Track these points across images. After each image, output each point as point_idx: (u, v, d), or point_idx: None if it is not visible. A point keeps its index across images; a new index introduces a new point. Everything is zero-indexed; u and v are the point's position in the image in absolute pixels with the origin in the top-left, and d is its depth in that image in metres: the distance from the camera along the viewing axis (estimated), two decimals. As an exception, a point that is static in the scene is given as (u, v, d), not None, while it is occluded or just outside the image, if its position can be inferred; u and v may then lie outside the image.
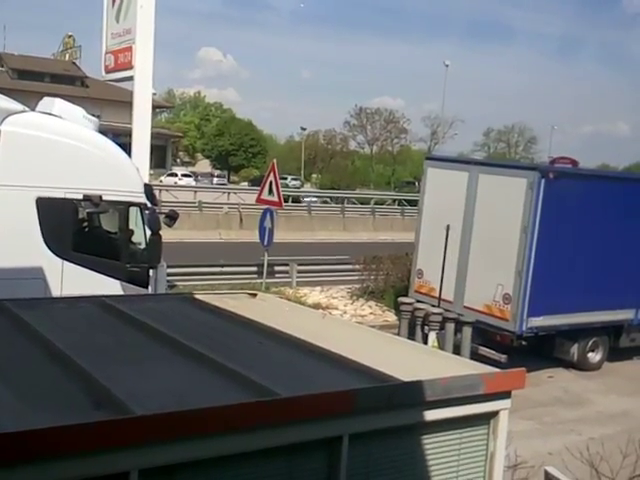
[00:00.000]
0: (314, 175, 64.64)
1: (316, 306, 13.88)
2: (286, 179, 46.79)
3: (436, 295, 12.46)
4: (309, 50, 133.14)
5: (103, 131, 8.76)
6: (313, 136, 70.60)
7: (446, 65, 57.06)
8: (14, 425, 2.41)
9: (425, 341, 11.26)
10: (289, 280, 16.63)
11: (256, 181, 38.41)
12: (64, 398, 2.83)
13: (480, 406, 3.42)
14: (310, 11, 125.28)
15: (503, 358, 10.91)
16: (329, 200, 40.01)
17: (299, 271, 16.85)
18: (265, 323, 4.23)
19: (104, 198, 7.85)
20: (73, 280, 7.51)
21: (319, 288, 16.66)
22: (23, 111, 7.71)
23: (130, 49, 13.79)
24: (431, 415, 3.25)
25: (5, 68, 47.09)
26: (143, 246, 8.50)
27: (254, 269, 16.15)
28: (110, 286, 7.67)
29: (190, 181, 47.30)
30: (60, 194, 7.61)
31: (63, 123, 7.88)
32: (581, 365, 12.53)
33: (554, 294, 11.36)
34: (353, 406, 2.98)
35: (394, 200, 41.89)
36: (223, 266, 16.29)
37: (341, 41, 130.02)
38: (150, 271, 8.38)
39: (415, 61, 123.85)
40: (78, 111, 8.25)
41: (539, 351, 12.05)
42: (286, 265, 16.87)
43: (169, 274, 12.64)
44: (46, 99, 8.46)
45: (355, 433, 3.03)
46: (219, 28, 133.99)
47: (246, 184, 50.50)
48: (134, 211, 8.35)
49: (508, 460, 4.72)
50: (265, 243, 15.04)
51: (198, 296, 5.12)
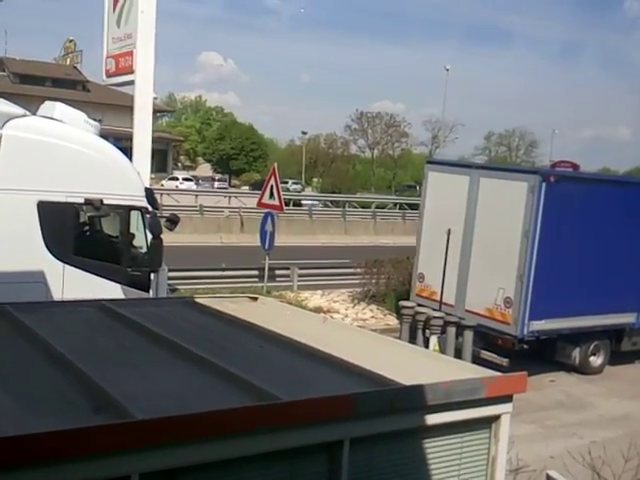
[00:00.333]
0: (315, 179, 64.67)
1: (317, 310, 13.88)
2: (287, 183, 46.83)
3: (437, 299, 12.46)
4: (310, 54, 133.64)
5: (104, 135, 8.76)
6: (314, 140, 70.70)
7: (447, 69, 56.98)
8: (14, 429, 2.40)
9: (426, 345, 11.24)
10: (290, 284, 16.62)
11: (257, 185, 38.46)
12: (64, 402, 2.82)
13: (481, 410, 3.41)
14: (310, 16, 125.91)
15: (505, 362, 10.89)
16: (330, 204, 40.02)
17: (300, 275, 16.84)
18: (266, 327, 4.22)
19: (105, 202, 7.85)
20: (74, 284, 7.51)
21: (320, 292, 16.64)
22: (24, 115, 7.72)
23: (131, 53, 13.82)
24: (432, 419, 3.24)
25: (6, 72, 47.21)
26: (144, 250, 8.50)
27: (255, 273, 16.16)
28: (111, 290, 7.67)
29: (191, 185, 47.41)
30: (61, 198, 7.61)
31: (64, 127, 7.89)
32: (583, 369, 12.52)
33: (555, 298, 11.35)
34: (354, 410, 2.97)
35: (395, 204, 41.95)
36: (224, 270, 16.28)
37: (341, 45, 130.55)
38: (151, 275, 8.38)
39: (415, 65, 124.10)
40: (79, 115, 8.26)
41: (541, 355, 12.03)
42: (287, 269, 16.87)
43: (170, 278, 12.63)
44: (47, 103, 8.47)
45: (356, 437, 3.02)
46: (220, 32, 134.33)
47: (247, 188, 50.56)
48: (135, 215, 8.35)
49: (510, 464, 4.71)
50: (266, 247, 15.07)
51: (199, 300, 5.11)
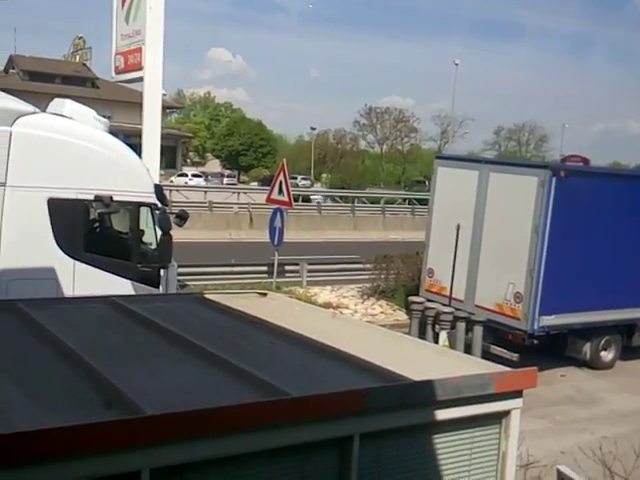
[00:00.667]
0: (324, 175, 64.60)
1: (326, 305, 13.87)
2: (296, 179, 46.82)
3: (447, 294, 12.42)
4: (318, 50, 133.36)
5: (113, 132, 8.78)
6: (323, 136, 70.59)
7: (456, 64, 56.63)
8: (25, 425, 2.42)
9: (436, 340, 11.24)
10: (299, 279, 16.64)
11: (266, 181, 38.45)
12: (75, 398, 2.84)
13: (491, 405, 3.40)
14: (319, 11, 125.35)
15: (515, 357, 10.86)
16: (339, 199, 39.98)
17: (309, 270, 16.85)
18: (275, 323, 4.23)
19: (115, 198, 7.88)
20: (84, 280, 7.54)
21: (329, 287, 16.65)
22: (34, 112, 7.74)
23: (140, 50, 13.85)
24: (442, 414, 3.24)
25: (16, 70, 47.43)
26: (154, 246, 8.53)
27: (264, 269, 16.19)
28: (121, 286, 7.70)
29: (200, 181, 47.41)
30: (71, 195, 7.64)
31: (74, 124, 7.91)
32: (593, 364, 12.46)
33: (566, 293, 11.30)
34: (364, 406, 2.97)
35: (404, 199, 41.81)
36: (233, 266, 16.32)
37: (350, 40, 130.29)
38: (161, 271, 8.41)
39: (424, 60, 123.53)
40: (89, 112, 8.28)
41: (551, 350, 11.97)
42: (296, 264, 16.88)
43: (180, 274, 12.69)
44: (57, 100, 8.49)
45: (366, 433, 3.02)
46: (228, 29, 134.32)
47: (256, 184, 50.57)
48: (145, 211, 8.38)
49: (520, 459, 4.70)
50: (275, 243, 15.07)
51: (208, 296, 5.13)
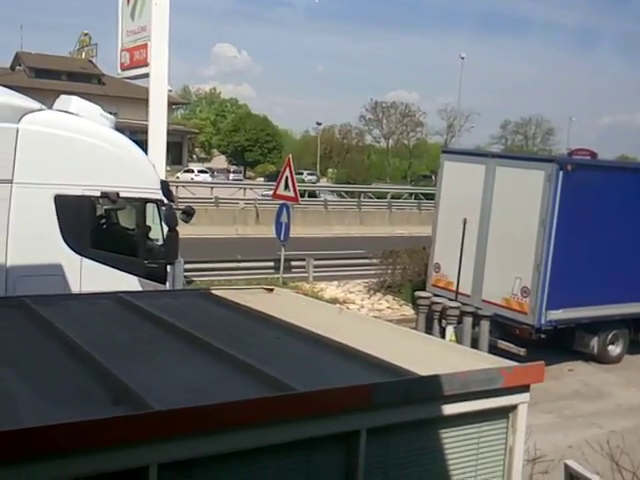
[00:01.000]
0: (330, 170, 64.56)
1: (333, 301, 13.89)
2: (302, 174, 46.80)
3: (453, 289, 12.41)
4: (324, 45, 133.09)
5: (120, 128, 8.80)
6: (329, 131, 70.51)
7: (462, 58, 56.51)
8: (34, 420, 2.43)
9: (443, 335, 11.23)
10: (306, 275, 16.65)
11: (272, 176, 38.46)
12: (83, 393, 2.85)
13: (499, 400, 3.40)
14: (324, 6, 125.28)
15: (522, 351, 10.85)
16: (345, 194, 39.94)
17: (316, 266, 16.85)
18: (282, 318, 4.23)
19: (121, 195, 7.90)
20: (91, 276, 7.57)
21: (336, 283, 16.65)
22: (40, 109, 7.75)
23: (145, 46, 13.85)
24: (449, 409, 3.23)
25: (22, 67, 47.56)
26: (160, 242, 8.55)
27: (271, 264, 16.19)
28: (128, 282, 7.72)
29: (206, 177, 47.49)
30: (78, 191, 7.66)
31: (80, 121, 7.92)
32: (601, 358, 12.43)
33: (573, 287, 11.26)
34: (371, 400, 2.97)
35: (411, 194, 41.74)
36: (240, 261, 16.33)
37: (356, 35, 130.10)
38: (167, 267, 8.42)
39: (430, 54, 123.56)
40: (95, 109, 8.29)
41: (558, 344, 11.95)
42: (303, 260, 16.88)
43: (186, 270, 12.70)
44: (63, 97, 8.50)
45: (373, 427, 3.02)
46: (233, 24, 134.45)
47: (262, 179, 50.59)
48: (151, 207, 8.40)
49: (527, 454, 4.69)
50: (282, 238, 15.08)
51: (215, 291, 5.14)
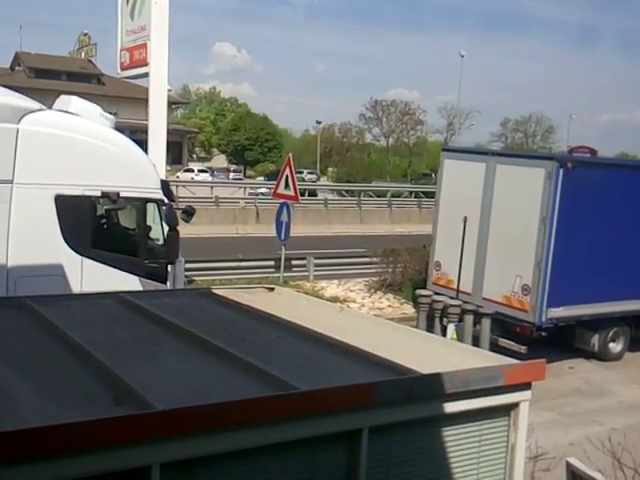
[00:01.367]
0: (330, 168, 64.54)
1: (334, 299, 13.88)
2: (302, 173, 46.77)
3: (454, 287, 12.41)
4: (323, 43, 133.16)
5: (120, 128, 8.79)
6: (329, 129, 70.49)
7: (462, 56, 56.73)
8: (37, 420, 2.44)
9: (444, 333, 11.23)
10: (306, 274, 16.65)
11: (272, 175, 38.41)
12: (85, 393, 2.85)
13: (500, 398, 3.40)
14: (324, 4, 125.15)
15: (523, 349, 10.85)
16: (345, 193, 39.92)
17: (316, 265, 16.85)
18: (283, 317, 4.23)
19: (122, 195, 7.89)
20: (92, 276, 7.56)
21: (336, 281, 16.66)
22: (40, 110, 7.75)
23: (145, 46, 13.84)
24: (451, 407, 3.24)
25: (22, 67, 47.53)
26: (161, 242, 8.54)
27: (271, 263, 16.20)
28: (129, 282, 7.72)
29: (206, 176, 47.47)
30: (78, 191, 7.65)
31: (80, 121, 7.92)
32: (602, 355, 12.43)
33: (574, 284, 11.26)
34: (372, 399, 2.98)
35: (411, 192, 41.65)
36: (241, 261, 16.33)
37: (356, 34, 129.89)
38: (168, 266, 8.42)
39: (430, 52, 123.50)
40: (95, 109, 8.28)
41: (559, 342, 11.95)
42: (303, 259, 16.88)
43: (187, 269, 12.72)
44: (63, 97, 8.49)
45: (375, 426, 3.03)
46: (233, 23, 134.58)
47: (262, 178, 50.58)
48: (151, 207, 8.40)
49: (529, 451, 4.69)
50: (282, 237, 15.08)
51: (216, 291, 5.14)
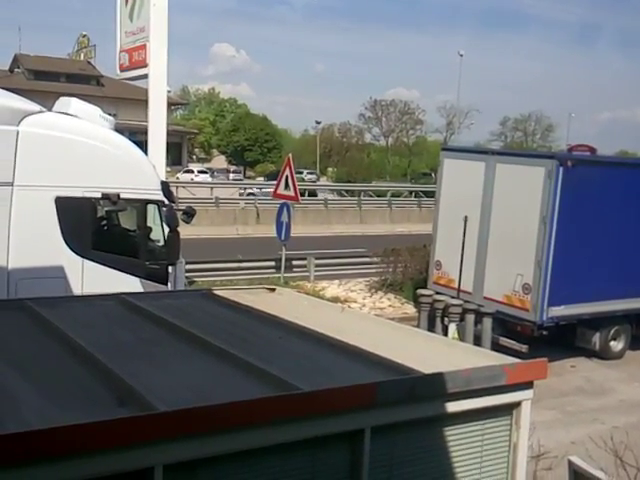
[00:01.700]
0: (330, 168, 64.53)
1: (334, 299, 13.89)
2: (302, 173, 46.77)
3: (455, 286, 12.41)
4: (322, 43, 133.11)
5: (119, 129, 8.80)
6: (328, 129, 70.48)
7: (460, 55, 56.86)
8: (39, 422, 2.44)
9: (445, 333, 11.23)
10: (307, 274, 16.65)
11: (272, 176, 38.41)
12: (87, 395, 2.85)
13: (502, 397, 3.40)
14: (323, 4, 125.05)
15: (524, 348, 10.85)
16: (345, 193, 39.93)
17: (317, 265, 16.85)
18: (284, 317, 4.24)
19: (122, 196, 7.90)
20: (93, 278, 7.57)
21: (337, 281, 16.66)
22: (40, 112, 7.75)
23: (144, 47, 13.84)
24: (453, 407, 3.24)
25: (21, 69, 47.52)
26: (161, 243, 8.55)
27: (272, 264, 16.20)
28: (130, 283, 7.72)
29: (206, 177, 47.48)
30: (79, 193, 7.66)
31: (80, 122, 7.92)
32: (603, 354, 12.42)
33: (574, 283, 11.26)
34: (375, 399, 2.98)
35: (411, 192, 41.67)
36: (241, 261, 16.34)
37: (355, 33, 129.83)
38: (169, 268, 8.43)
39: (429, 52, 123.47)
40: (95, 110, 8.28)
41: (560, 340, 11.95)
42: (304, 259, 16.88)
43: (188, 270, 12.71)
44: (63, 99, 8.50)
45: (377, 426, 3.03)
46: (231, 23, 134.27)
47: (262, 179, 50.56)
48: (152, 208, 8.40)
49: (531, 450, 4.69)
50: (282, 237, 15.07)
51: (217, 292, 5.14)
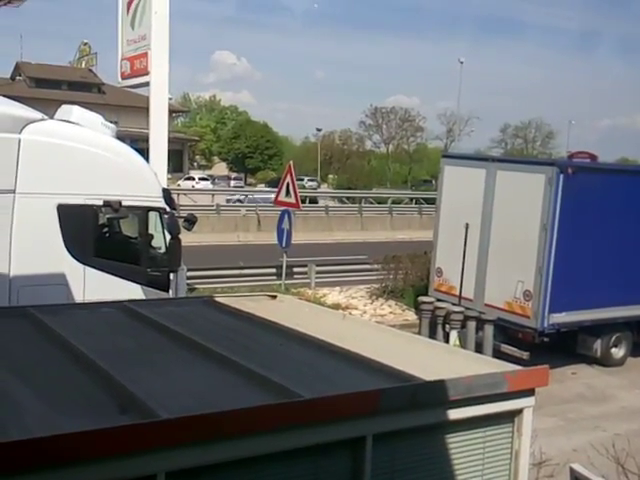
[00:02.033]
0: (331, 176, 64.61)
1: (336, 306, 13.88)
2: (303, 180, 46.83)
3: (456, 293, 12.41)
4: (323, 50, 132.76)
5: (121, 137, 8.82)
6: (329, 137, 70.62)
7: (461, 62, 56.87)
8: (42, 430, 2.44)
9: (446, 340, 11.22)
10: (308, 281, 16.64)
11: (273, 183, 38.47)
12: (90, 402, 2.85)
13: (504, 404, 3.40)
14: (323, 11, 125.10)
15: (525, 355, 10.84)
16: (346, 200, 39.97)
17: (318, 272, 16.85)
18: (285, 324, 4.24)
19: (123, 203, 7.92)
20: (95, 285, 7.57)
21: (338, 288, 16.66)
22: (42, 119, 7.78)
23: (146, 55, 13.91)
24: (455, 414, 3.24)
25: (23, 77, 47.70)
26: (163, 250, 8.55)
27: (273, 271, 16.21)
28: (131, 290, 7.73)
29: (207, 184, 47.55)
30: (80, 200, 7.68)
31: (82, 130, 7.95)
32: (604, 361, 12.41)
33: (575, 290, 11.26)
34: (376, 406, 2.98)
35: (411, 199, 41.74)
36: (242, 268, 16.35)
37: (355, 40, 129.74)
38: (170, 275, 8.43)
39: (429, 59, 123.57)
40: (96, 118, 8.31)
41: (561, 347, 11.94)
42: (305, 266, 16.88)
43: (189, 277, 12.71)
44: (64, 107, 8.53)
45: (379, 433, 3.03)
46: (232, 31, 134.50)
47: (263, 186, 50.63)
48: (153, 216, 8.41)
49: (533, 458, 4.70)
50: (283, 244, 15.07)
51: (218, 299, 5.14)
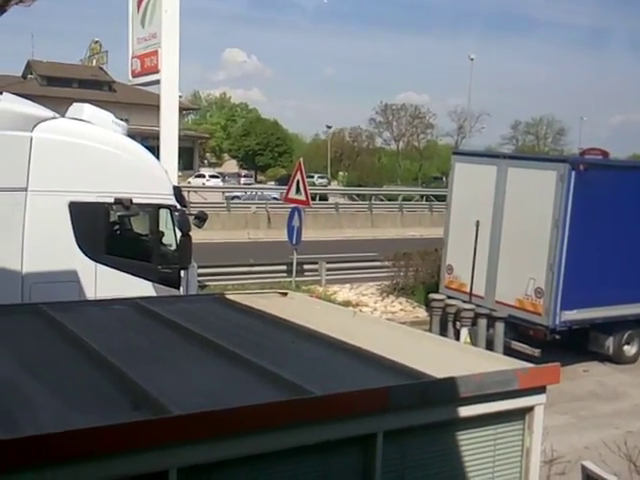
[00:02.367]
0: (341, 173, 64.57)
1: (346, 304, 13.88)
2: (313, 177, 46.83)
3: (466, 291, 12.37)
4: (333, 47, 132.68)
5: (132, 135, 8.85)
6: (339, 134, 70.53)
7: (471, 59, 56.32)
8: (55, 426, 2.46)
9: (457, 337, 11.20)
10: (318, 278, 16.65)
11: (283, 180, 38.49)
12: (102, 399, 2.88)
13: (515, 401, 3.40)
14: (333, 8, 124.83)
15: (537, 352, 10.79)
16: (356, 197, 39.95)
17: (328, 269, 16.85)
18: (296, 322, 4.25)
19: (134, 201, 7.94)
20: (106, 282, 7.62)
21: (348, 285, 16.64)
22: (53, 117, 7.82)
23: (156, 53, 13.95)
24: (465, 411, 3.24)
25: (34, 75, 47.91)
26: (174, 247, 8.59)
27: (283, 268, 16.22)
28: (142, 287, 7.76)
29: (218, 182, 47.61)
30: (92, 198, 7.72)
31: (93, 128, 7.99)
32: (616, 358, 12.34)
33: (587, 287, 11.20)
34: (387, 403, 2.98)
35: (422, 196, 41.62)
36: (253, 265, 16.37)
37: (365, 37, 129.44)
38: (181, 272, 8.46)
39: (439, 55, 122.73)
40: (107, 116, 8.35)
41: (573, 345, 11.89)
42: (315, 263, 16.89)
43: (200, 274, 12.74)
44: (76, 105, 8.57)
45: (390, 430, 3.03)
46: (242, 29, 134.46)
47: (273, 183, 50.67)
48: (164, 213, 8.44)
49: (544, 455, 4.69)
50: (293, 242, 15.10)
51: (229, 296, 5.16)
